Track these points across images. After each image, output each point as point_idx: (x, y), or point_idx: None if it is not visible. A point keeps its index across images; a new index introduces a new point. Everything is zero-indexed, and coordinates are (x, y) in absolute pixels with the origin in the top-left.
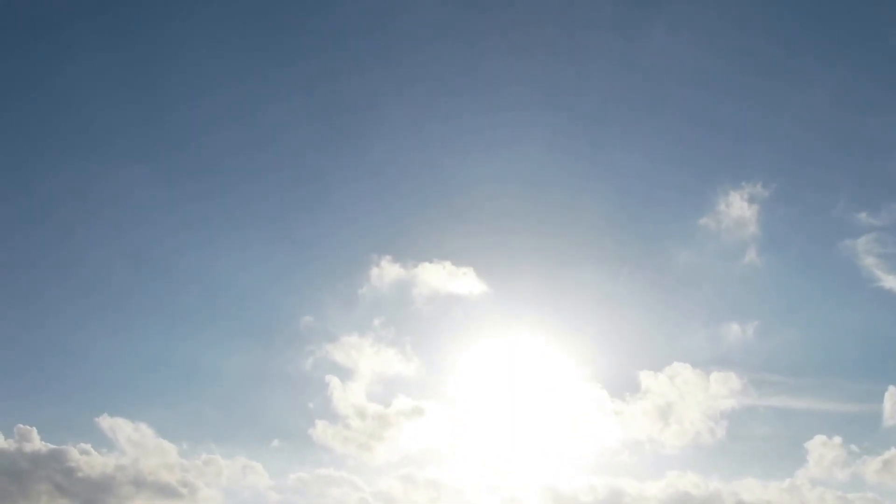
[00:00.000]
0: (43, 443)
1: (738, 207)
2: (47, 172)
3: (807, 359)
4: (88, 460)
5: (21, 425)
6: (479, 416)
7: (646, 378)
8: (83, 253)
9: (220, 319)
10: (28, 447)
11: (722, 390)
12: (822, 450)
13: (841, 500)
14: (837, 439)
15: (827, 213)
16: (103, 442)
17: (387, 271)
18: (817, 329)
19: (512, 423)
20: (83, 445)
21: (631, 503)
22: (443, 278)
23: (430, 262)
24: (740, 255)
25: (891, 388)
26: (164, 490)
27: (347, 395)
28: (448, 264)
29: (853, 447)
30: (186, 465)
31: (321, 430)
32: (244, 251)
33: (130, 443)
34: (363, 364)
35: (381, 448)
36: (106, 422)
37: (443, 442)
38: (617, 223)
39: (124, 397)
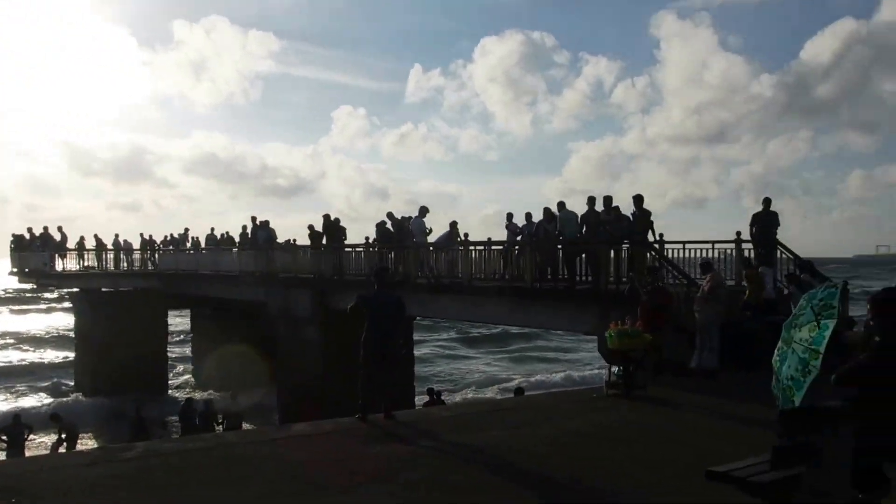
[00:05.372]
0: None
1: None
2: None
3: (345, 30)
4: None
5: None
6: None
7: (180, 28)
8: None
9: None
10: None
11: (260, 50)
12: (347, 119)
13: (356, 170)
14: (362, 111)
15: None
16: None
17: None
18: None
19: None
20: None
21: (154, 161)
22: None
23: None
24: None
25: (416, 65)
26: None
27: None
28: None
29: (375, 119)
30: None
31: None
32: None
33: None
34: None
35: None
36: None
37: None
38: None
39: None
